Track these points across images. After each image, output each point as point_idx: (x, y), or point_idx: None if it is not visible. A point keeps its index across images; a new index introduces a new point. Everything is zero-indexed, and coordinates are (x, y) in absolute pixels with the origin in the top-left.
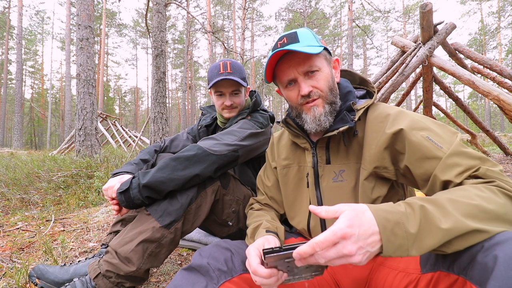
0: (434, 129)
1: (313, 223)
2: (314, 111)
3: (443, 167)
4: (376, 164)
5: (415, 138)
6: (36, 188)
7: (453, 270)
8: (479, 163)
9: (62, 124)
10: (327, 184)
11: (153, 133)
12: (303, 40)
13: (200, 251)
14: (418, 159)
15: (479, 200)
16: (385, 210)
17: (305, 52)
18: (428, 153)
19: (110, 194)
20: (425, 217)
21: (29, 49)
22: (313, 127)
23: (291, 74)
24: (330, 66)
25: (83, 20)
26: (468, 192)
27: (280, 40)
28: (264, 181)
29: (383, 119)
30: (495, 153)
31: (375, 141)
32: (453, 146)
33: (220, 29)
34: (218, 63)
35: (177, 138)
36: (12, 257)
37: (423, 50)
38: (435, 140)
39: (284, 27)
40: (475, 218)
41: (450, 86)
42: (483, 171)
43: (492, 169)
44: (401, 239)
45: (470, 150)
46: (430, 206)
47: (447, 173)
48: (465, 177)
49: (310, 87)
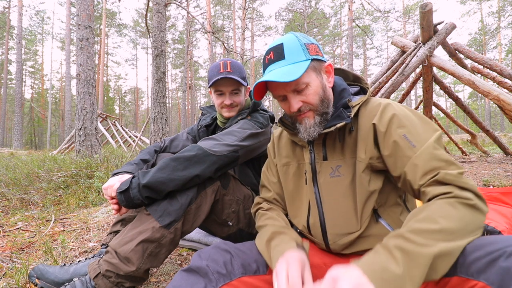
0: (414, 126)
1: (312, 221)
2: (306, 122)
3: (411, 166)
4: (370, 154)
5: (391, 134)
6: (36, 188)
7: (472, 276)
8: (443, 166)
9: (62, 124)
10: (324, 179)
11: (153, 133)
12: (289, 56)
13: (200, 253)
14: (390, 155)
15: (443, 223)
16: (367, 263)
17: (284, 82)
18: (399, 151)
19: (109, 193)
20: (406, 255)
21: (29, 49)
22: (305, 137)
23: (280, 92)
24: (321, 74)
25: (83, 20)
26: (431, 215)
27: (267, 54)
28: (269, 177)
29: (374, 111)
30: (495, 153)
31: (368, 133)
32: (424, 147)
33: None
34: (218, 62)
35: (177, 138)
36: (12, 257)
37: (423, 50)
38: (410, 139)
39: (284, 27)
40: (441, 240)
41: (450, 86)
42: (442, 176)
43: (450, 172)
44: (393, 282)
45: (439, 152)
46: (404, 243)
47: (413, 175)
48: (427, 180)
49: (300, 103)
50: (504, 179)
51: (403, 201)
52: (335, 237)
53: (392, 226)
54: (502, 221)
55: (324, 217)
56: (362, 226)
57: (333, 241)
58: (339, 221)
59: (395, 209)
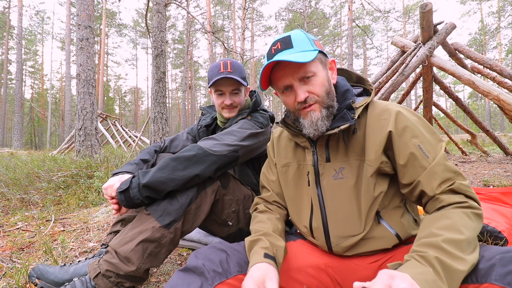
0: (425, 136)
1: (315, 224)
2: (311, 116)
3: (427, 176)
4: (381, 159)
5: (407, 144)
6: (36, 188)
7: (509, 285)
8: (454, 176)
9: (62, 124)
10: (327, 181)
11: (153, 133)
12: (297, 45)
13: (196, 253)
14: (405, 165)
15: (466, 233)
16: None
17: (297, 61)
18: (415, 162)
19: (109, 193)
20: (446, 271)
21: (29, 49)
22: (311, 132)
23: (286, 81)
24: (326, 68)
25: (83, 20)
26: (454, 224)
27: (274, 45)
28: (268, 177)
29: (386, 116)
30: (495, 153)
31: (379, 138)
32: (437, 158)
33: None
34: (219, 62)
35: (177, 138)
36: (12, 257)
37: (423, 50)
38: (424, 149)
39: (284, 27)
40: (467, 253)
41: (450, 86)
42: (457, 186)
43: (463, 183)
44: None
45: (449, 163)
46: (442, 255)
47: (429, 183)
48: (443, 189)
49: (306, 92)
50: (504, 179)
51: (404, 204)
52: (338, 239)
53: (394, 228)
54: (502, 221)
55: (327, 219)
56: (365, 229)
57: (336, 243)
58: (342, 223)
59: (397, 211)
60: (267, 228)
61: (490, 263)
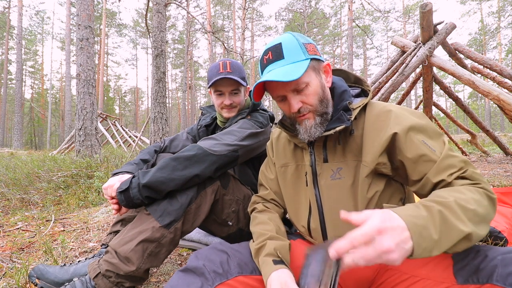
0: (428, 132)
1: (314, 224)
2: (306, 123)
3: (438, 169)
4: (378, 160)
5: (413, 141)
6: (36, 188)
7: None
8: (465, 166)
9: (62, 124)
10: (325, 182)
11: (153, 133)
12: (288, 55)
13: (197, 253)
14: (414, 162)
15: (475, 205)
16: (411, 215)
17: (286, 81)
18: (424, 157)
19: (109, 193)
20: (444, 223)
21: (29, 49)
22: (305, 138)
23: (280, 92)
24: (320, 74)
25: (83, 20)
26: (465, 196)
27: (265, 54)
28: (267, 175)
29: (385, 117)
30: (495, 153)
31: (378, 139)
32: (444, 150)
33: (220, 29)
34: (218, 62)
35: (177, 138)
36: (12, 257)
37: (423, 50)
38: (429, 144)
39: (284, 27)
40: (472, 222)
41: (450, 86)
42: (470, 173)
43: (476, 171)
44: (427, 242)
45: (456, 153)
46: (446, 211)
47: (441, 175)
48: (454, 177)
49: (300, 103)
50: (504, 179)
51: (403, 204)
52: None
53: None
54: (502, 221)
55: (324, 219)
56: None
57: None
58: (340, 223)
59: None
60: (270, 231)
61: (492, 264)
